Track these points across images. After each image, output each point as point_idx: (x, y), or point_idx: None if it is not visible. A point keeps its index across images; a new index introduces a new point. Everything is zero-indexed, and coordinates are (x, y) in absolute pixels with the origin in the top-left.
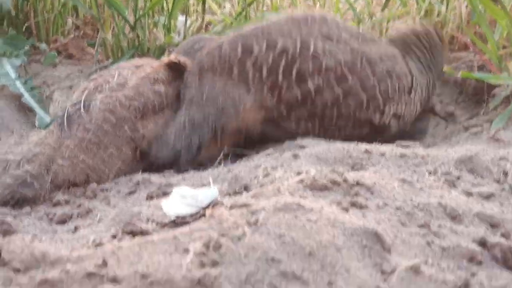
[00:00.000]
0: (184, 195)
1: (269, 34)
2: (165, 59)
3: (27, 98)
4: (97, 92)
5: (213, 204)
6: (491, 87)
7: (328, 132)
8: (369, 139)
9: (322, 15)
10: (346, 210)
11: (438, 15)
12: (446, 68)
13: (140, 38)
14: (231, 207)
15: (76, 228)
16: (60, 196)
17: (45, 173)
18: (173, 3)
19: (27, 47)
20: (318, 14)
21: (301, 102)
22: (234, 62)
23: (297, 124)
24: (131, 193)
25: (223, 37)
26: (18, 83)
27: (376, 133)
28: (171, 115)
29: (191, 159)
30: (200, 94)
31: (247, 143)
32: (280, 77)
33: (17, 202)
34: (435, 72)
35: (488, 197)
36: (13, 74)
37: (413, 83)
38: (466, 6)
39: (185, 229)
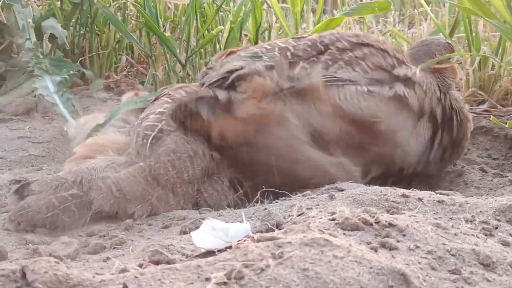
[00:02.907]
0: (215, 227)
1: None
2: None
3: (61, 108)
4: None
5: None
6: None
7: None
8: None
9: None
10: (375, 250)
11: (492, 68)
12: (493, 119)
13: (190, 77)
14: (258, 240)
15: (107, 258)
16: (94, 227)
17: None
18: (226, 44)
19: (72, 71)
20: None
21: None
22: None
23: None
24: (165, 227)
25: None
26: (55, 96)
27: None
28: None
29: None
30: None
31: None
32: None
33: (54, 228)
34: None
35: None
36: (52, 88)
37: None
38: None
39: (209, 258)
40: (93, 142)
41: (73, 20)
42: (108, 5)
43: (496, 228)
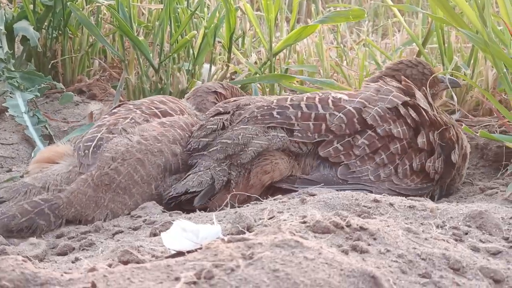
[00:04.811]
0: (185, 228)
1: None
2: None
3: (31, 130)
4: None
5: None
6: (511, 153)
7: None
8: None
9: None
10: (346, 252)
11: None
12: (465, 127)
13: (163, 82)
14: (228, 241)
15: (76, 259)
16: (64, 229)
17: (64, 205)
18: (199, 50)
19: (43, 84)
20: None
21: None
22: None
23: None
24: (136, 229)
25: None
26: (26, 116)
27: None
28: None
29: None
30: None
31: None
32: None
33: (31, 231)
34: None
35: (495, 253)
36: (23, 107)
37: None
38: (494, 73)
39: (179, 258)
40: (55, 146)
41: (45, 23)
42: (81, 8)
43: (466, 233)
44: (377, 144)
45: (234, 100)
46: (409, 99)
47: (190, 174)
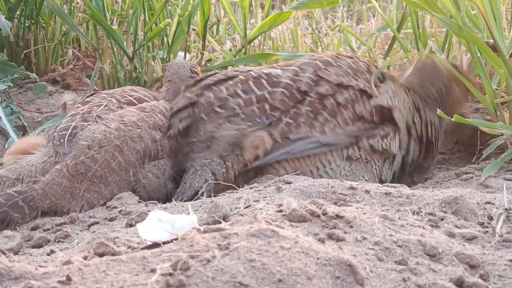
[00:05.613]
0: (161, 219)
1: None
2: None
3: (5, 121)
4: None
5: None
6: (486, 137)
7: None
8: None
9: None
10: (322, 241)
11: None
12: (440, 112)
13: (137, 70)
14: (204, 231)
15: (52, 251)
16: (39, 221)
17: (39, 197)
18: (173, 38)
19: (16, 75)
20: None
21: None
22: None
23: None
24: (111, 219)
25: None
26: None
27: None
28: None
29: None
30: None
31: None
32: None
33: (5, 224)
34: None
35: (470, 239)
36: None
37: None
38: (468, 57)
39: (155, 250)
40: (30, 137)
41: (17, 12)
42: None
43: (442, 219)
44: (318, 107)
45: (198, 81)
46: None
47: (189, 175)
